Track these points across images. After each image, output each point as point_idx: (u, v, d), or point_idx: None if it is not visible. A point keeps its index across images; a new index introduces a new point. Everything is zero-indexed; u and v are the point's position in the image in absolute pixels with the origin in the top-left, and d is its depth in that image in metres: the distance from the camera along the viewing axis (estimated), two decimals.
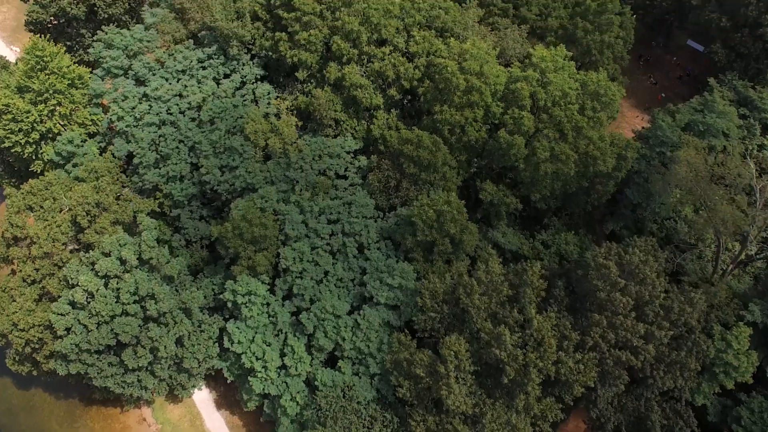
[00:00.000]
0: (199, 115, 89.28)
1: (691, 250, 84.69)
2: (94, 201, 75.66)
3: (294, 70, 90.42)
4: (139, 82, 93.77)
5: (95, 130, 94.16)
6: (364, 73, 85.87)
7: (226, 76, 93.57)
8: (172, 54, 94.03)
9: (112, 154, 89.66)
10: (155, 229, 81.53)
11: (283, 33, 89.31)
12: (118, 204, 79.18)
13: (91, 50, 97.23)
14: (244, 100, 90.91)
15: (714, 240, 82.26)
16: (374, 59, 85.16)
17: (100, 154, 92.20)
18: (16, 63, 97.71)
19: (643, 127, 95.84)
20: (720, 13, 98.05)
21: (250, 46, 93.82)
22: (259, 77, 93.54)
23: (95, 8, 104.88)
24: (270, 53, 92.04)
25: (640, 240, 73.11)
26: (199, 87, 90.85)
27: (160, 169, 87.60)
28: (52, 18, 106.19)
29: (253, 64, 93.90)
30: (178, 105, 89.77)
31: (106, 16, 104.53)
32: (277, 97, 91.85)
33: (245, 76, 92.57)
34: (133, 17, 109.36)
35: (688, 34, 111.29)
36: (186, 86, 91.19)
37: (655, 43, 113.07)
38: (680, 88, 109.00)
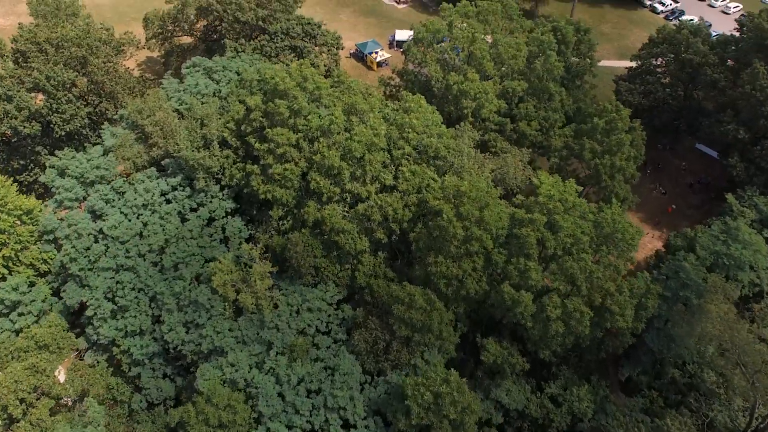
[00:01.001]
0: (161, 258, 76.88)
1: (718, 397, 72.71)
2: (30, 386, 62.59)
3: (268, 203, 78.31)
4: (96, 215, 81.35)
5: (47, 269, 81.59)
6: (347, 213, 73.88)
7: (193, 209, 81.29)
8: (133, 184, 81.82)
9: (64, 302, 76.99)
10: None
11: (255, 166, 77.54)
12: (61, 383, 66.07)
13: (42, 178, 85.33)
14: (213, 240, 78.74)
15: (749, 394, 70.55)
16: (358, 199, 73.26)
17: (52, 296, 79.99)
18: None
19: (658, 253, 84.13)
20: (737, 124, 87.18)
21: (219, 176, 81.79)
22: (229, 211, 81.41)
23: (51, 125, 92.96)
24: (241, 184, 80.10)
25: (675, 422, 60.80)
26: (162, 225, 78.54)
27: (117, 321, 74.98)
28: (6, 133, 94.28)
29: (223, 195, 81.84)
30: (138, 247, 77.36)
31: (64, 133, 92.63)
32: (249, 237, 79.68)
33: (214, 211, 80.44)
34: (95, 130, 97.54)
35: (696, 137, 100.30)
36: (147, 224, 78.86)
37: (661, 146, 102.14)
38: (691, 198, 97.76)
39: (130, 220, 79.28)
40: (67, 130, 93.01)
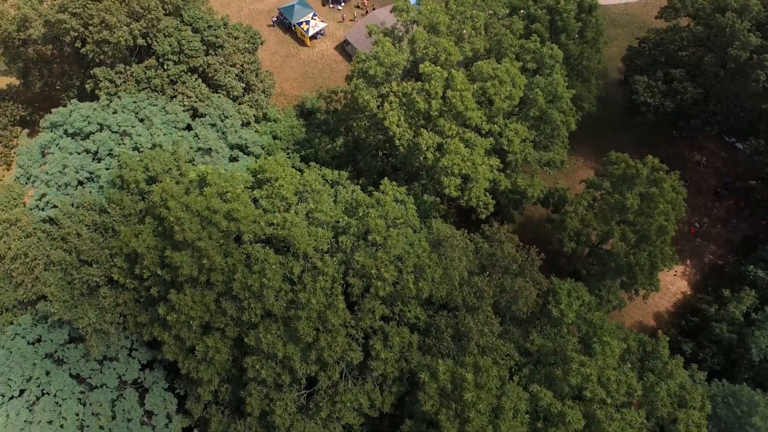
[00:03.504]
0: None
1: None
2: None
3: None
4: None
5: None
6: (305, 403, 47.91)
7: (95, 369, 53.76)
8: (7, 339, 53.28)
9: None
10: None
11: (166, 334, 49.23)
12: None
13: None
14: (131, 421, 52.70)
15: None
16: (319, 393, 46.98)
17: None
18: None
19: (688, 321, 61.21)
20: None
21: (122, 324, 53.37)
22: (145, 363, 54.33)
23: None
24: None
25: None
26: (57, 413, 51.77)
27: None
28: None
29: (133, 342, 54.12)
30: None
31: None
32: (180, 401, 53.66)
33: (123, 374, 53.26)
34: None
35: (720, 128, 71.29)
36: (34, 409, 52.03)
37: (677, 134, 73.25)
38: (717, 209, 71.74)
39: (8, 415, 51.88)
40: None
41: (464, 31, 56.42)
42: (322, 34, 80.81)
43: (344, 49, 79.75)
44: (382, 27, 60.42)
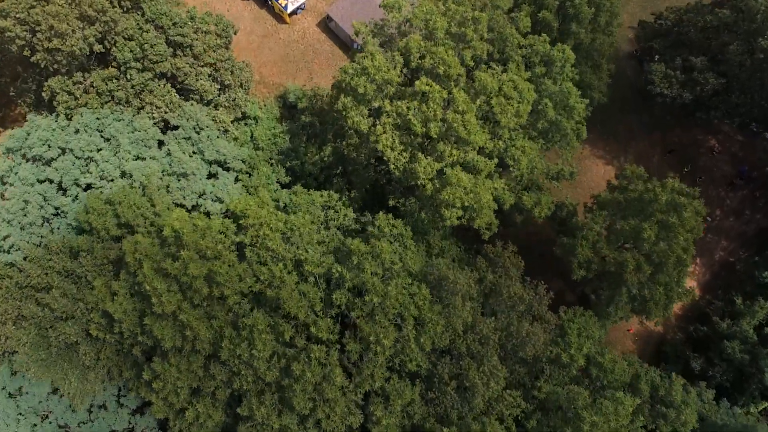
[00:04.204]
0: None
1: None
2: None
3: None
4: None
5: None
6: None
7: (83, 423, 50.97)
8: None
9: None
10: None
11: (153, 395, 45.82)
12: None
13: None
14: None
15: None
16: None
17: None
18: None
19: (696, 332, 58.30)
20: None
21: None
22: (135, 408, 51.45)
23: None
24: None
25: None
26: None
27: None
28: None
29: (123, 388, 51.05)
30: None
31: None
32: None
33: (113, 424, 50.48)
34: None
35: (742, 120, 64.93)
36: None
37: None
38: (732, 201, 67.02)
39: None
40: None
41: (465, 34, 49.14)
42: (302, 9, 71.86)
43: (327, 25, 71.35)
44: (370, 23, 53.13)
